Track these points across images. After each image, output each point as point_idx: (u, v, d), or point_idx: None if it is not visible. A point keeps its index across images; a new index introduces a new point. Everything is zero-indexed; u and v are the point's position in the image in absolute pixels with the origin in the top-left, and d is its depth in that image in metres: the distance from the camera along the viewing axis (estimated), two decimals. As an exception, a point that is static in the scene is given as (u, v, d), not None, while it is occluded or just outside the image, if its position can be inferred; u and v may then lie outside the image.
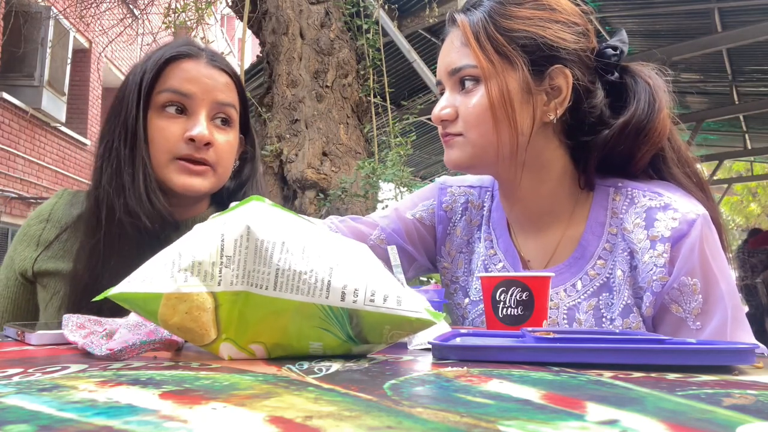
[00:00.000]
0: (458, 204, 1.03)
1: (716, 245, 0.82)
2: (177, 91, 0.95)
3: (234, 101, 1.00)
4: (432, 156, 7.98)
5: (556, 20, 0.85)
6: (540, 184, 0.89)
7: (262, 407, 0.32)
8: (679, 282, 0.80)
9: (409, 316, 0.52)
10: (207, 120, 0.96)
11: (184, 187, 0.95)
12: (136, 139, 0.93)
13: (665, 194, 0.84)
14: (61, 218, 1.03)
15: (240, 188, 1.07)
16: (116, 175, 0.93)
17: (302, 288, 0.52)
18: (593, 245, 0.88)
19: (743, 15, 4.71)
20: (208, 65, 0.98)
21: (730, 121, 7.60)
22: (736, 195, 17.17)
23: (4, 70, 7.26)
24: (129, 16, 5.81)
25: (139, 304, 0.52)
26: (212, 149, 0.96)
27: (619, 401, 0.35)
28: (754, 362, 0.48)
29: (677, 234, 0.80)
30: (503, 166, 0.87)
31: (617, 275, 0.85)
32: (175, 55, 0.96)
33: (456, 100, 0.87)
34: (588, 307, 0.87)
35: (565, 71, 0.84)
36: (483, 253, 0.98)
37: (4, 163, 7.34)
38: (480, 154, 0.86)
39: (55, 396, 0.34)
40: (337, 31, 3.40)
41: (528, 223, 0.94)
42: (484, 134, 0.84)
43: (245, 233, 0.52)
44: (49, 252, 1.00)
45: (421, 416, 0.31)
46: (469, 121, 0.84)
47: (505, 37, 0.83)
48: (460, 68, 0.85)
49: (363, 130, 3.41)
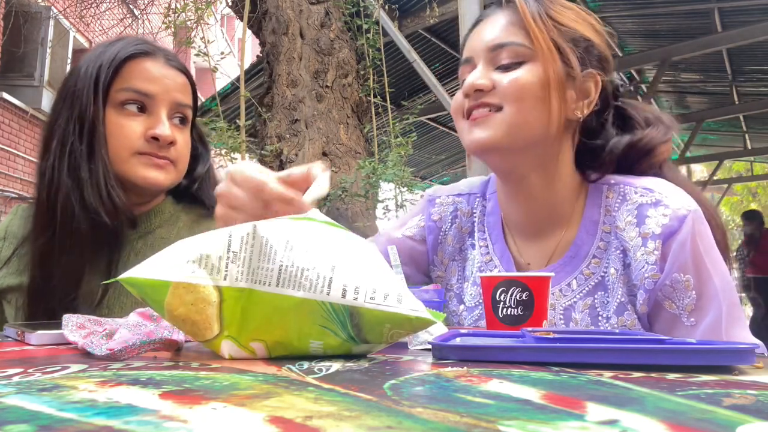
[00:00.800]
0: (447, 213, 1.03)
1: (709, 240, 0.82)
2: (138, 90, 0.95)
3: (190, 102, 1.03)
4: (432, 156, 7.98)
5: (595, 30, 0.91)
6: (547, 184, 0.90)
7: (262, 407, 0.32)
8: (671, 279, 0.80)
9: (409, 315, 0.53)
10: (167, 119, 0.97)
11: (148, 180, 0.95)
12: (95, 134, 0.92)
13: (656, 190, 0.84)
14: (17, 233, 1.03)
15: (193, 183, 1.09)
16: (72, 169, 0.91)
17: (304, 284, 0.52)
18: (587, 244, 0.89)
19: (743, 15, 4.71)
20: (166, 65, 0.99)
21: (730, 121, 7.60)
22: (736, 195, 17.17)
23: (4, 70, 7.26)
24: (129, 16, 5.81)
25: (147, 291, 0.53)
26: (173, 147, 0.98)
27: (619, 401, 0.35)
28: (754, 362, 0.48)
29: (668, 230, 0.80)
30: (528, 156, 0.87)
31: (611, 273, 0.86)
32: (134, 53, 0.97)
33: (492, 74, 0.86)
34: (584, 306, 0.87)
35: (597, 77, 0.88)
36: (478, 259, 0.98)
37: (4, 163, 7.34)
38: (514, 133, 0.84)
39: (55, 396, 0.34)
40: (337, 31, 3.40)
41: (529, 226, 0.94)
42: (522, 110, 0.83)
43: (252, 231, 0.54)
44: (10, 268, 1.00)
45: (421, 416, 0.31)
46: (509, 92, 0.84)
47: (558, 28, 0.87)
48: (505, 44, 0.86)
49: (363, 130, 3.41)
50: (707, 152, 9.49)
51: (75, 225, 0.90)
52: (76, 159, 0.91)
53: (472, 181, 1.07)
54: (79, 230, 0.90)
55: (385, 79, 3.39)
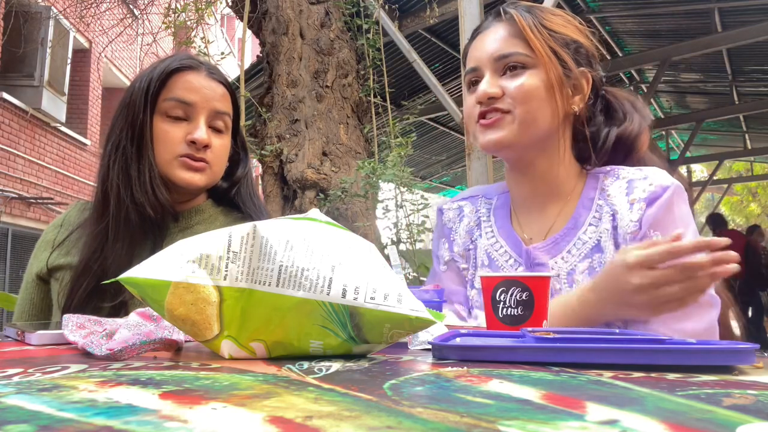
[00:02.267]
0: (455, 216, 1.17)
1: (686, 213, 0.93)
2: (181, 99, 1.07)
3: (228, 110, 1.14)
4: (432, 156, 7.98)
5: (583, 33, 1.03)
6: (552, 165, 1.02)
7: (262, 407, 0.32)
8: (642, 233, 0.91)
9: (409, 315, 0.53)
10: (205, 125, 1.09)
11: (185, 181, 1.07)
12: (143, 139, 1.06)
13: (645, 170, 0.97)
14: (73, 222, 1.17)
15: (233, 186, 1.21)
16: (124, 169, 1.05)
17: (304, 284, 0.52)
18: (584, 216, 1.00)
19: (743, 15, 4.71)
20: (208, 77, 1.11)
21: (730, 121, 7.60)
22: (736, 195, 17.18)
23: (4, 70, 7.26)
24: (129, 16, 5.81)
25: (147, 291, 0.53)
26: (209, 150, 1.09)
27: (619, 401, 0.35)
28: (754, 362, 0.48)
29: (652, 195, 0.92)
30: (535, 147, 0.99)
31: (603, 235, 0.97)
32: (179, 67, 1.09)
33: (500, 81, 0.98)
34: (583, 267, 0.97)
35: (587, 74, 1.00)
36: (485, 243, 1.09)
37: (4, 163, 7.33)
38: (523, 131, 0.96)
39: (55, 396, 0.34)
40: (337, 31, 3.40)
41: (534, 203, 1.05)
42: (530, 111, 0.96)
43: (252, 231, 0.54)
44: (62, 249, 1.13)
45: (421, 416, 0.30)
46: (517, 97, 0.96)
47: (552, 35, 0.99)
48: (509, 54, 0.97)
49: (363, 130, 3.41)
50: (707, 152, 9.49)
51: (125, 216, 1.04)
52: (127, 160, 1.06)
53: (476, 189, 1.21)
54: (129, 221, 1.04)
55: (385, 79, 3.39)
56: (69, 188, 8.72)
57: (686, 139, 7.77)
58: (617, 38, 5.41)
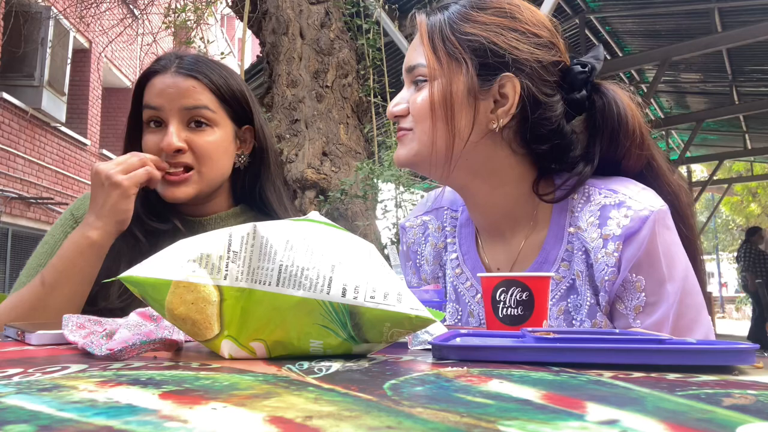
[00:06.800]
0: (419, 235, 1.05)
1: (670, 243, 0.81)
2: (150, 106, 1.01)
3: (204, 102, 1.01)
4: (432, 156, 7.97)
5: (514, 29, 0.84)
6: (492, 189, 0.89)
7: (262, 407, 0.32)
8: (623, 278, 0.80)
9: (409, 314, 0.53)
10: (182, 126, 1.00)
11: (170, 199, 1.01)
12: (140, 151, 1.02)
13: (621, 191, 0.82)
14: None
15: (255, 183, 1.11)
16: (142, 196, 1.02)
17: (304, 283, 0.52)
18: (556, 249, 0.87)
19: (743, 15, 4.71)
20: (174, 74, 1.01)
21: (730, 121, 7.60)
22: (736, 195, 17.18)
23: (4, 70, 7.26)
24: (129, 16, 5.81)
25: (147, 290, 0.53)
26: (188, 153, 1.00)
27: (619, 401, 0.35)
28: (754, 362, 0.48)
29: (628, 232, 0.79)
30: (441, 168, 0.86)
31: (578, 276, 0.85)
32: (146, 73, 1.03)
33: (409, 96, 0.88)
34: (558, 311, 0.87)
35: (514, 80, 0.82)
36: (451, 274, 0.99)
37: (4, 163, 7.34)
38: (421, 152, 0.86)
39: (55, 396, 0.34)
40: (337, 31, 3.40)
41: (490, 228, 0.94)
42: (424, 131, 0.85)
43: (252, 231, 0.54)
44: None
45: (421, 416, 0.31)
46: (415, 116, 0.86)
47: (459, 40, 0.83)
48: (414, 66, 0.87)
49: (363, 130, 3.41)
50: (707, 152, 9.49)
51: (134, 229, 1.01)
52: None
53: (440, 197, 1.05)
54: (137, 234, 1.01)
55: (385, 79, 3.40)
56: (69, 188, 8.72)
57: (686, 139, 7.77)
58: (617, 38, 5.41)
